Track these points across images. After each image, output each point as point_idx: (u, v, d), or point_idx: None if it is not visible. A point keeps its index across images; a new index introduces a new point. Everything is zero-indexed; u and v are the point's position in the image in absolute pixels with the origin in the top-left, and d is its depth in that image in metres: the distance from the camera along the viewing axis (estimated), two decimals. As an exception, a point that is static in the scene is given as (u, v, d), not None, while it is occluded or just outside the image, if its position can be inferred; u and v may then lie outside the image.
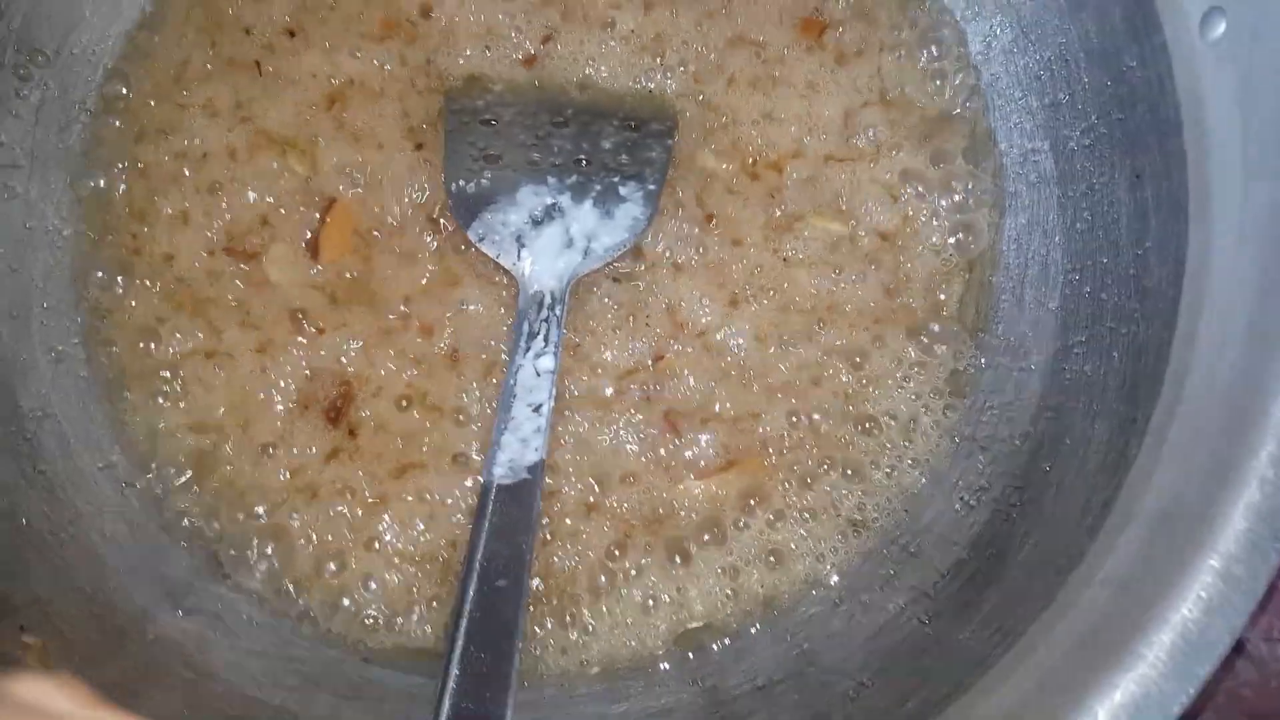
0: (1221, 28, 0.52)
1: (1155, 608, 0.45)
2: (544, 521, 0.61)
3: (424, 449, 0.62)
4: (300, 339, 0.62)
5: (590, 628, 0.61)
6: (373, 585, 0.61)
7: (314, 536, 0.61)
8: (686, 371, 0.63)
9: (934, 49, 0.66)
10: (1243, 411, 0.47)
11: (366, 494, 0.61)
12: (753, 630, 0.62)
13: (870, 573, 0.62)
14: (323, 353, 0.62)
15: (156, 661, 0.56)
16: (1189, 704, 0.43)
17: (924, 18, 0.66)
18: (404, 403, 0.62)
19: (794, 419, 0.63)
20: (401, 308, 0.63)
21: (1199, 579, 0.45)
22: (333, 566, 0.61)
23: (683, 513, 0.62)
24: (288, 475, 0.61)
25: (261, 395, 0.62)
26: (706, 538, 0.62)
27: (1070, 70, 0.62)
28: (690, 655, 0.61)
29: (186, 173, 0.64)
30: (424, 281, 0.63)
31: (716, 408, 0.63)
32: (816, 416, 0.63)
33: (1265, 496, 0.45)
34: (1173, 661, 0.44)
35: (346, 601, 0.61)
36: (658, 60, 0.65)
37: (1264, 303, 0.48)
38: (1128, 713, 0.43)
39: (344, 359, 0.62)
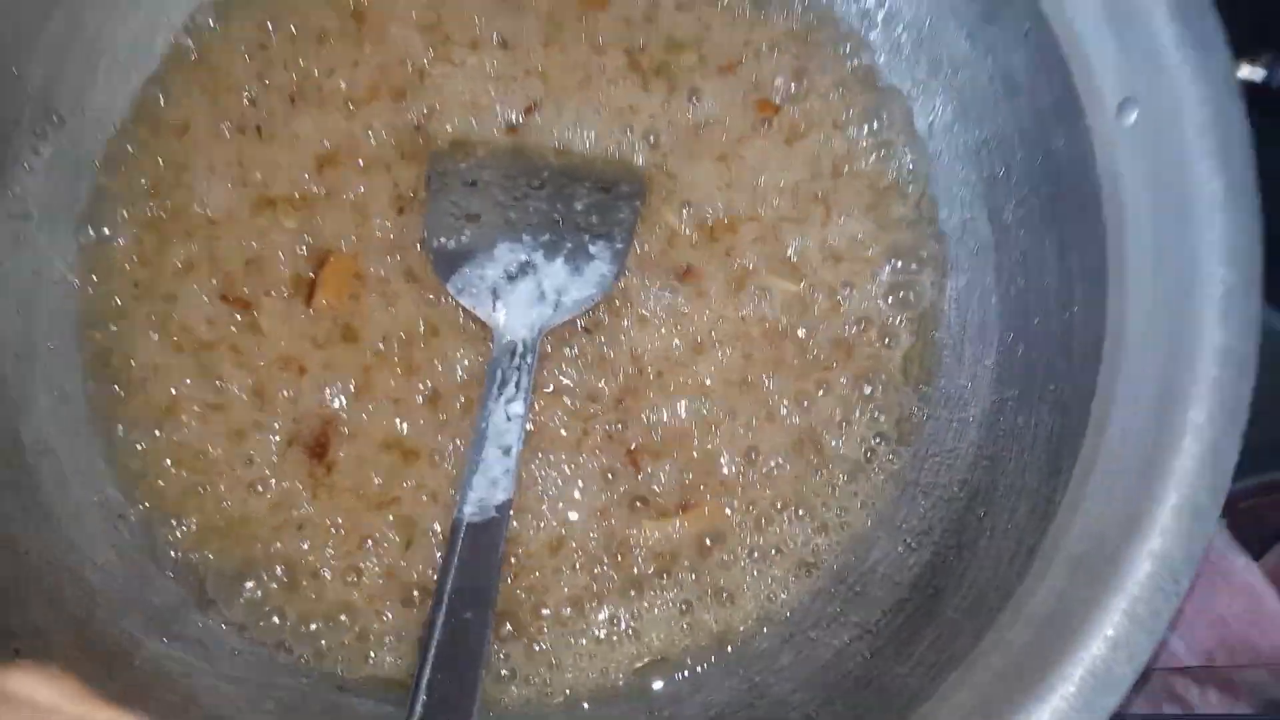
0: (1134, 116, 0.57)
1: (1069, 645, 0.49)
2: (511, 558, 0.65)
3: (403, 486, 0.66)
4: (289, 382, 0.66)
5: (553, 660, 0.65)
6: (347, 616, 0.65)
7: (295, 569, 0.65)
8: (648, 414, 0.67)
9: (881, 124, 0.71)
10: (1149, 466, 0.51)
11: (346, 528, 0.65)
12: (707, 664, 0.66)
13: (819, 610, 0.66)
14: (310, 394, 0.66)
15: (142, 686, 0.59)
16: (1096, 733, 0.47)
17: (873, 97, 0.72)
18: (385, 442, 0.66)
19: (751, 459, 0.67)
20: (384, 352, 0.67)
21: (1108, 620, 0.49)
22: (311, 596, 0.65)
23: (643, 551, 0.66)
24: (272, 510, 0.65)
25: (252, 435, 0.66)
26: (665, 576, 0.66)
27: (1005, 147, 0.67)
28: (648, 688, 0.65)
29: (187, 227, 0.68)
30: (405, 330, 0.67)
31: (675, 451, 0.67)
32: (772, 461, 0.67)
33: (1166, 543, 0.49)
34: (1083, 696, 0.48)
35: (322, 631, 0.64)
36: (628, 132, 0.70)
37: (1169, 369, 0.52)
38: (1043, 743, 0.47)
39: (329, 400, 0.66)
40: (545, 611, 0.65)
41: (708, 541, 0.66)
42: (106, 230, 0.68)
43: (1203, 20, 0.54)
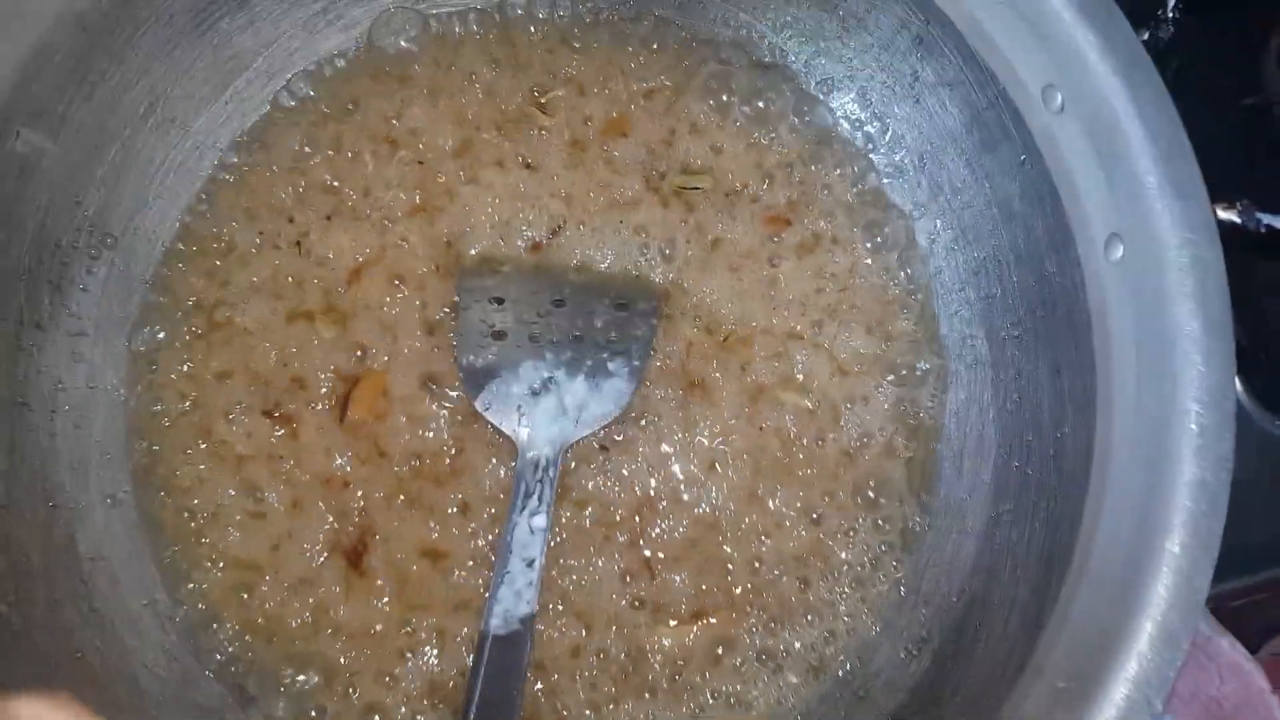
0: (1120, 251, 0.60)
1: (1054, 764, 0.53)
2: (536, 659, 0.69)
3: (434, 592, 0.70)
4: (326, 491, 0.71)
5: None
6: (380, 718, 0.68)
7: (334, 668, 0.69)
8: (664, 524, 0.71)
9: (885, 241, 0.75)
10: (1128, 591, 0.54)
11: (382, 631, 0.69)
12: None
13: (825, 714, 0.69)
14: (348, 503, 0.70)
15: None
16: None
17: (877, 214, 0.76)
18: (419, 549, 0.70)
19: (757, 568, 0.71)
20: (416, 466, 0.71)
21: (1091, 740, 0.52)
22: (353, 692, 0.69)
23: (659, 658, 0.69)
24: (312, 614, 0.69)
25: (291, 542, 0.70)
26: (678, 679, 0.69)
27: (1002, 269, 0.71)
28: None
29: (228, 338, 0.73)
30: (433, 449, 0.71)
31: (691, 558, 0.71)
32: (779, 569, 0.71)
33: (1141, 669, 0.52)
34: (1066, 814, 0.51)
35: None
36: (644, 252, 0.74)
37: (1148, 499, 0.56)
38: None
39: (366, 509, 0.70)
40: (565, 714, 0.68)
41: (719, 650, 0.70)
42: (154, 343, 0.73)
43: (1187, 167, 0.58)
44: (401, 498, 0.71)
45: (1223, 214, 0.68)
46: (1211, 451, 0.55)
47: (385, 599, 0.69)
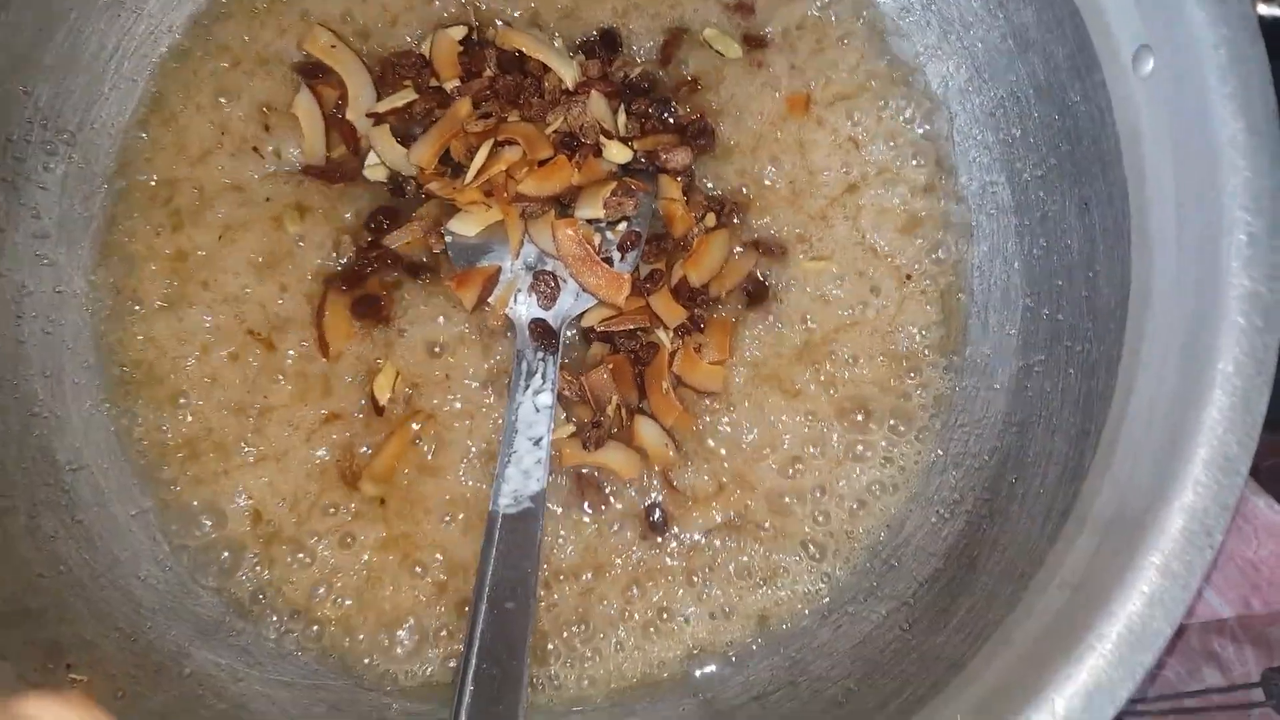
0: (1150, 64, 0.56)
1: (1105, 605, 0.49)
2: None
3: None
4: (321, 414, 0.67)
5: (602, 653, 0.65)
6: (391, 619, 0.65)
7: (337, 575, 0.65)
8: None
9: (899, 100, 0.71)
10: (1179, 421, 0.50)
11: (387, 538, 0.66)
12: (751, 646, 0.66)
13: (854, 585, 0.66)
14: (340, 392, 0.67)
15: (193, 694, 0.60)
16: (1135, 689, 0.47)
17: (883, 65, 0.71)
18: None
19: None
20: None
21: (1143, 577, 0.48)
22: (348, 602, 0.65)
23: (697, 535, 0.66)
24: (318, 533, 0.66)
25: (294, 459, 0.67)
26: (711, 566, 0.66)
27: (1021, 107, 0.66)
28: (692, 673, 0.65)
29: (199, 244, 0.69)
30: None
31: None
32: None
33: (1199, 497, 0.49)
34: (1119, 652, 0.47)
35: (363, 637, 0.65)
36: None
37: (1195, 322, 0.52)
38: (1081, 700, 0.47)
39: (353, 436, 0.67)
40: (596, 610, 0.65)
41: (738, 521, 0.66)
42: (122, 245, 0.69)
43: (1218, -39, 0.53)
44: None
45: (1264, 8, 0.63)
46: (1263, 262, 0.50)
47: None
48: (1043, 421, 0.62)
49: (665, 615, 0.66)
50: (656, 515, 0.66)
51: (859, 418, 0.68)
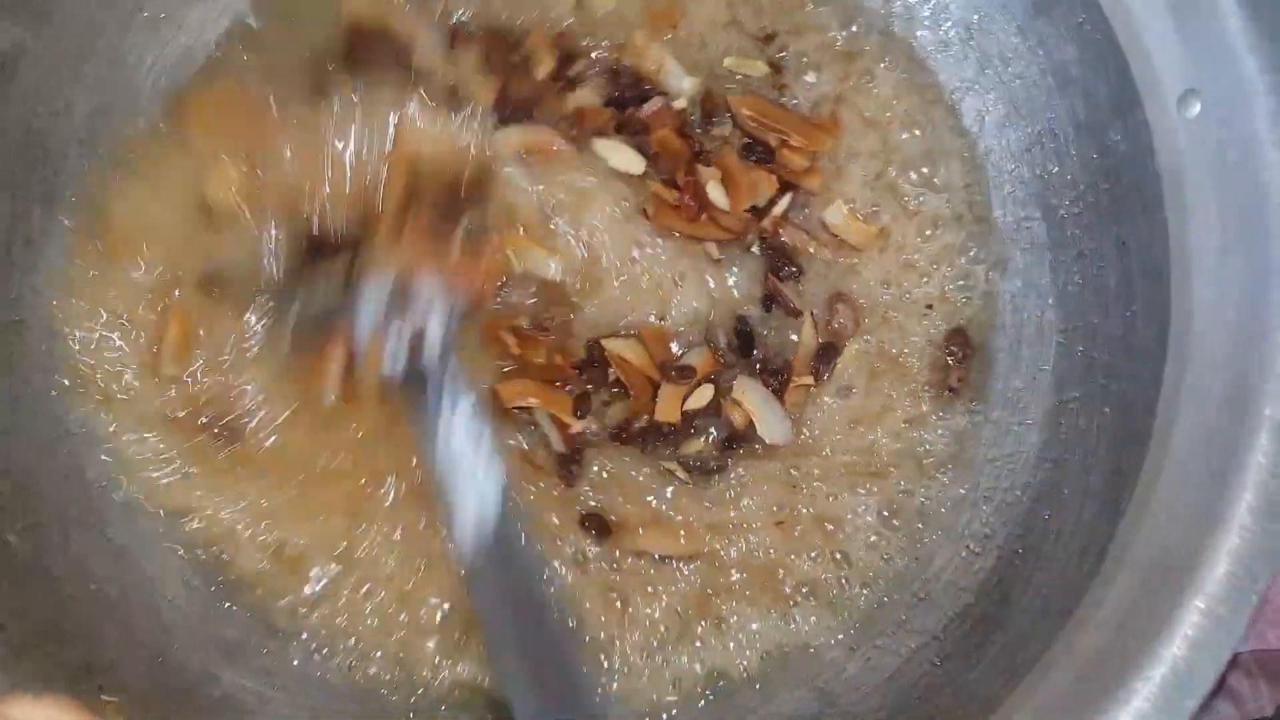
0: (1197, 108, 0.56)
1: (1147, 647, 0.48)
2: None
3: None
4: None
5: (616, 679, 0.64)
6: (409, 638, 0.65)
7: (361, 597, 0.65)
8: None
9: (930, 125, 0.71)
10: (1222, 464, 0.51)
11: (414, 556, 0.65)
12: (776, 674, 0.65)
13: (884, 618, 0.65)
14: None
15: (220, 716, 0.59)
16: (1180, 734, 0.47)
17: (918, 98, 0.72)
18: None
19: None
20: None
21: (1186, 619, 0.48)
22: (374, 623, 0.65)
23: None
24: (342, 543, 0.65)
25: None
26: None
27: (1059, 142, 0.67)
28: (717, 699, 0.65)
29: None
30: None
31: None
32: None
33: (1244, 542, 0.49)
34: (1164, 696, 0.47)
35: (386, 656, 0.65)
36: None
37: (1237, 366, 0.52)
38: (1124, 744, 0.47)
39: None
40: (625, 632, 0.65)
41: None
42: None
43: (1272, 7, 0.54)
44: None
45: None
46: (1313, 305, 0.50)
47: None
48: (1078, 459, 0.62)
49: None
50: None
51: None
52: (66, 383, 0.64)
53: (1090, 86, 0.63)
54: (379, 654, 0.65)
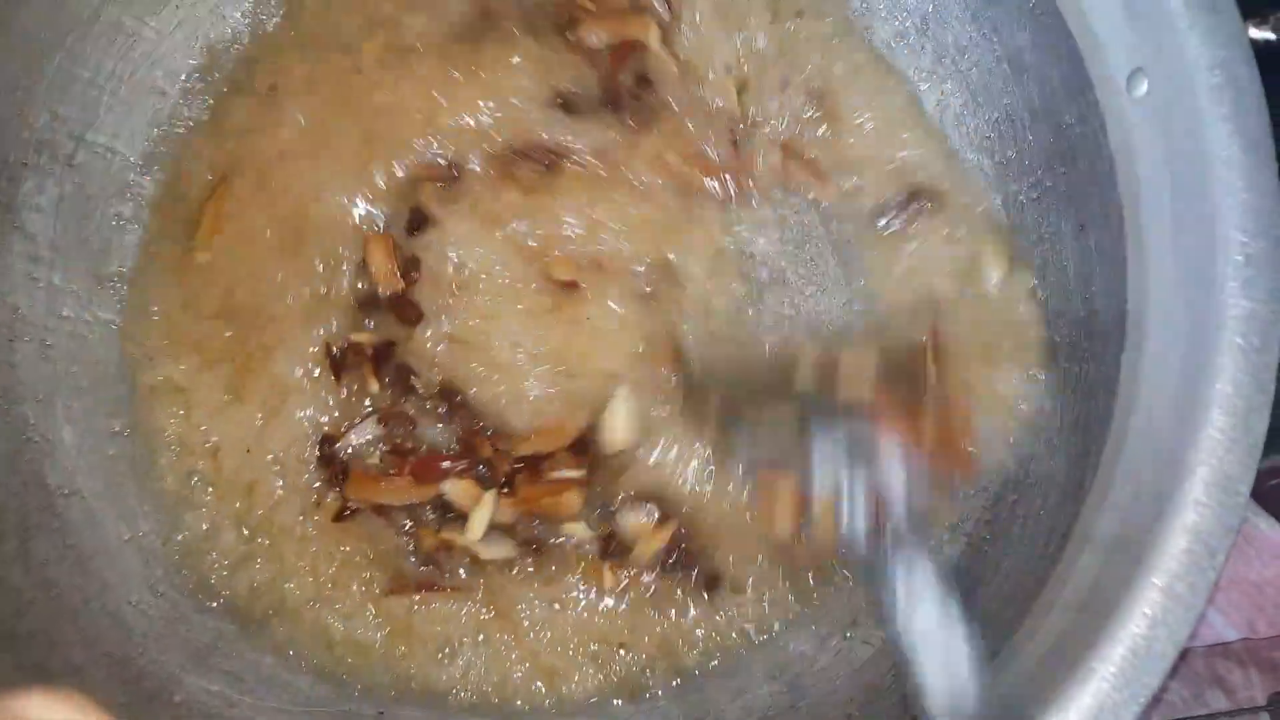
0: (1145, 87, 0.56)
1: (1107, 626, 0.48)
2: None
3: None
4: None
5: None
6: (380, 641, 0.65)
7: (330, 599, 0.65)
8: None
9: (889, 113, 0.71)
10: (1179, 442, 0.50)
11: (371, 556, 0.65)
12: (747, 667, 0.65)
13: (852, 608, 0.65)
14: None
15: (187, 721, 0.59)
16: (1140, 713, 0.46)
17: (876, 85, 0.71)
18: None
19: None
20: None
21: (1146, 597, 0.48)
22: (340, 627, 0.65)
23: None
24: (308, 550, 0.65)
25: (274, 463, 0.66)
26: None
27: (1016, 129, 0.67)
28: (684, 688, 0.64)
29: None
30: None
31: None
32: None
33: (1200, 517, 0.48)
34: (1124, 675, 0.47)
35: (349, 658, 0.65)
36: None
37: (1193, 342, 0.51)
38: (1085, 723, 0.46)
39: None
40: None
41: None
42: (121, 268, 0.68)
43: (1210, -16, 0.54)
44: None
45: (1255, 32, 0.63)
46: (1261, 282, 0.50)
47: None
48: (1042, 443, 0.62)
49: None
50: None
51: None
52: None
53: (1045, 72, 0.63)
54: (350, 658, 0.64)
